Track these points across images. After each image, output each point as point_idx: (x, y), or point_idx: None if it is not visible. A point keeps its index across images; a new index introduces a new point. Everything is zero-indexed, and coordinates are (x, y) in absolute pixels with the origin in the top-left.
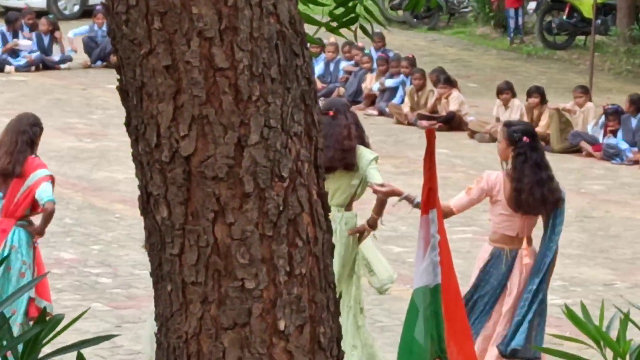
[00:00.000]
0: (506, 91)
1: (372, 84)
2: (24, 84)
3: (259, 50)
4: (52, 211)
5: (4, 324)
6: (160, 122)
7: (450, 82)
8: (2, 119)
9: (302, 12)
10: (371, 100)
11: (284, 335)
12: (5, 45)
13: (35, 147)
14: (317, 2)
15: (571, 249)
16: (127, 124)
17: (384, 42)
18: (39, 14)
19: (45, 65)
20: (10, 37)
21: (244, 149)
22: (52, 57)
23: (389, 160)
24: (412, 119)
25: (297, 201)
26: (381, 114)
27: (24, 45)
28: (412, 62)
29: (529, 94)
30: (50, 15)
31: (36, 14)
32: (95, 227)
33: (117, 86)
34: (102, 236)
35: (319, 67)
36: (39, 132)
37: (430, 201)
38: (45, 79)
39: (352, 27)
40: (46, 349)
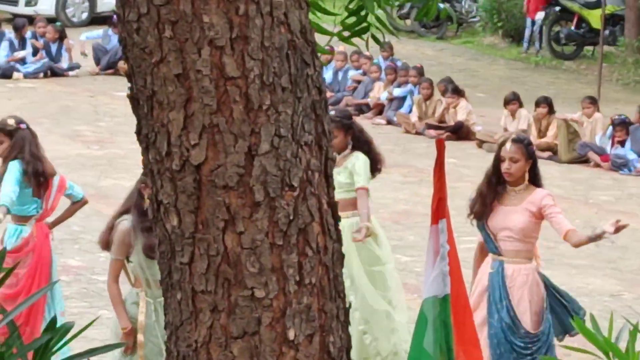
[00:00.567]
0: (513, 101)
1: (380, 93)
2: (32, 91)
3: (269, 59)
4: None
5: (14, 331)
6: (170, 131)
7: (458, 92)
8: None
9: (313, 21)
10: (379, 109)
11: (294, 344)
12: (12, 51)
13: None
14: (328, 12)
15: (579, 259)
16: (138, 133)
17: (392, 51)
18: (47, 21)
19: (53, 72)
20: (17, 44)
21: (255, 158)
22: (60, 65)
23: (397, 169)
24: (420, 129)
25: (308, 210)
26: (389, 123)
27: (22, 55)
28: (420, 72)
29: (537, 104)
30: (57, 22)
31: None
32: None
33: (127, 94)
34: None
35: (327, 76)
36: None
37: (439, 211)
38: (53, 86)
39: (364, 37)
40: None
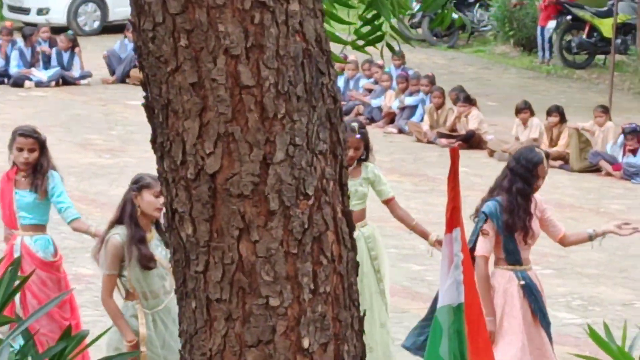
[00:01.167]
0: (525, 110)
1: (391, 101)
2: (43, 100)
3: (285, 68)
4: None
5: (29, 339)
6: (186, 140)
7: (469, 101)
8: None
9: (328, 30)
10: (391, 118)
11: (308, 353)
12: (23, 60)
13: None
14: (343, 21)
15: (590, 268)
16: (153, 141)
17: (404, 60)
18: (59, 30)
19: (65, 81)
20: (28, 52)
21: (270, 167)
22: (71, 73)
23: (408, 178)
24: (431, 137)
25: (322, 219)
26: (401, 132)
27: (38, 73)
28: (432, 80)
29: (549, 113)
30: (69, 31)
31: (57, 30)
32: None
33: (142, 103)
34: None
35: (339, 85)
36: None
37: (453, 220)
38: (64, 95)
39: (378, 45)
40: None
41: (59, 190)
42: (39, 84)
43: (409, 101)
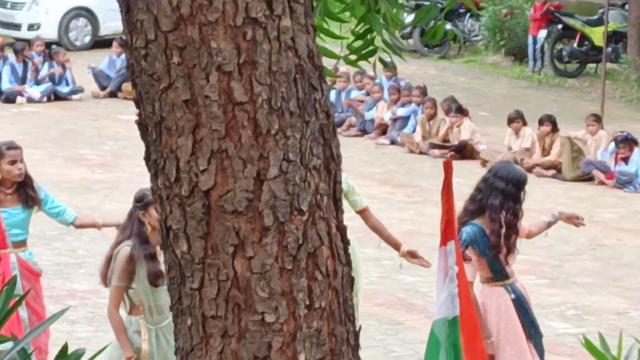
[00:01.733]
0: (517, 119)
1: (383, 113)
2: (35, 115)
3: (277, 84)
4: None
5: (26, 358)
6: (179, 157)
7: (461, 111)
8: None
9: (320, 46)
10: (383, 129)
11: None
12: (14, 76)
13: None
14: (335, 35)
15: (584, 277)
16: (147, 159)
17: (396, 71)
18: (50, 45)
19: (56, 96)
20: (19, 68)
21: (263, 183)
22: (62, 88)
23: (401, 189)
24: (424, 148)
25: (317, 234)
26: (393, 143)
27: (30, 90)
28: (424, 91)
29: (541, 123)
30: (55, 46)
31: (48, 46)
32: None
33: (136, 120)
34: None
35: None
36: None
37: (448, 232)
38: (56, 110)
39: (371, 60)
40: None
41: (51, 196)
42: (31, 100)
43: (401, 112)
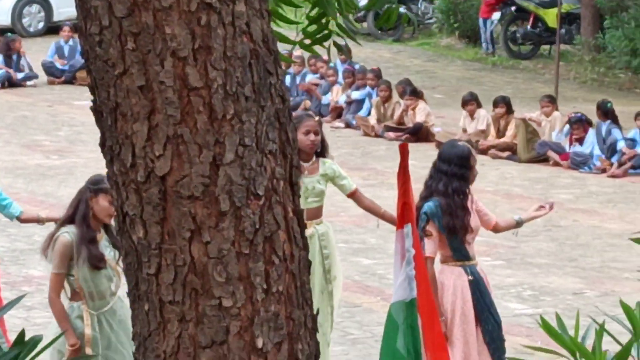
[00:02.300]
0: (471, 102)
1: (338, 96)
2: None
3: (232, 69)
4: None
5: None
6: (135, 142)
7: (416, 94)
8: None
9: (275, 30)
10: (338, 112)
11: (262, 352)
12: None
13: None
14: (290, 20)
15: (540, 258)
16: (102, 145)
17: (350, 54)
18: (2, 31)
19: (10, 83)
20: None
21: (219, 168)
22: (16, 75)
23: (357, 172)
24: (379, 131)
25: (273, 219)
26: (348, 126)
27: None
28: (378, 74)
29: (495, 105)
30: (8, 33)
31: (2, 32)
32: None
33: (91, 107)
34: None
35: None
36: None
37: (405, 215)
38: (10, 97)
39: (325, 44)
40: None
41: None
42: None
43: (356, 95)
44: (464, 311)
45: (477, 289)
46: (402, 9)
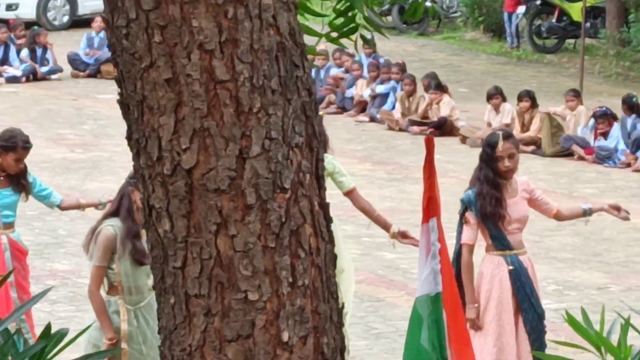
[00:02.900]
0: (496, 96)
1: (363, 90)
2: (14, 95)
3: (259, 62)
4: None
5: (8, 339)
6: (161, 136)
7: (441, 88)
8: None
9: (302, 23)
10: (362, 106)
11: (288, 346)
12: None
13: None
14: (316, 13)
15: (565, 252)
16: (129, 138)
17: (375, 48)
18: (28, 25)
19: (35, 76)
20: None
21: (246, 161)
22: (42, 68)
23: (381, 166)
24: (403, 125)
25: (299, 212)
26: (372, 120)
27: (11, 70)
28: (403, 68)
29: (520, 98)
30: (36, 26)
31: (26, 25)
32: None
33: (117, 100)
34: None
35: None
36: None
37: (430, 209)
38: (35, 90)
39: (352, 37)
40: None
41: (37, 179)
42: (10, 80)
43: (380, 89)
44: (501, 300)
45: (518, 279)
46: (428, 3)
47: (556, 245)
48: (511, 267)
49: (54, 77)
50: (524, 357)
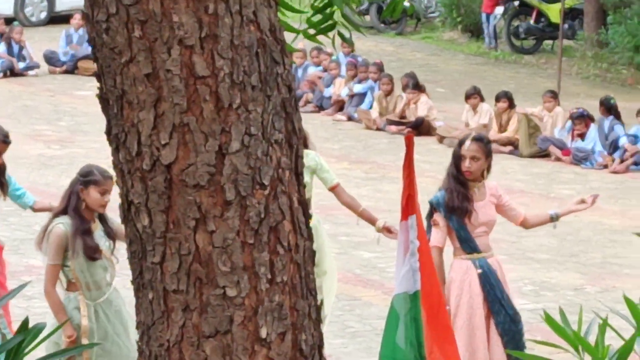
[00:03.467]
0: (474, 95)
1: (340, 89)
2: None
3: (239, 58)
4: None
5: None
6: (141, 131)
7: (418, 87)
8: None
9: (281, 20)
10: (340, 105)
11: (266, 342)
12: None
13: None
14: (295, 10)
15: (541, 253)
16: (108, 133)
17: (353, 47)
18: (7, 21)
19: (12, 72)
20: None
21: (225, 157)
22: (19, 64)
23: (358, 165)
24: (380, 125)
25: (279, 209)
26: (350, 119)
27: None
28: (380, 68)
29: (497, 99)
30: (15, 22)
31: (5, 21)
32: None
33: (97, 94)
34: None
35: None
36: None
37: (409, 207)
38: (13, 86)
39: (330, 34)
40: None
41: (12, 178)
42: None
43: (358, 88)
44: (471, 304)
45: (487, 282)
46: (406, 2)
47: (532, 245)
48: (480, 271)
49: (31, 73)
50: None
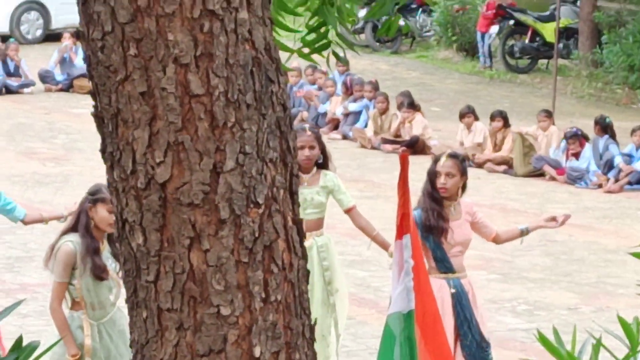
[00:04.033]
0: (468, 115)
1: (336, 107)
2: None
3: (234, 76)
4: None
5: None
6: (135, 149)
7: (413, 106)
8: None
9: (276, 39)
10: (335, 124)
11: None
12: None
13: None
14: (289, 29)
15: (535, 272)
16: (103, 151)
17: (348, 66)
18: (1, 39)
19: (7, 89)
20: None
21: (220, 176)
22: (14, 82)
23: (353, 184)
24: (375, 143)
25: (273, 227)
26: (345, 138)
27: None
28: (375, 86)
29: (492, 118)
30: (12, 39)
31: (2, 38)
32: None
33: (92, 112)
34: None
35: None
36: None
37: (404, 226)
38: (7, 104)
39: (324, 53)
40: None
41: (2, 192)
42: None
43: (353, 107)
44: (443, 323)
45: (459, 303)
46: (401, 21)
47: (527, 265)
48: (453, 291)
49: (26, 90)
50: None
